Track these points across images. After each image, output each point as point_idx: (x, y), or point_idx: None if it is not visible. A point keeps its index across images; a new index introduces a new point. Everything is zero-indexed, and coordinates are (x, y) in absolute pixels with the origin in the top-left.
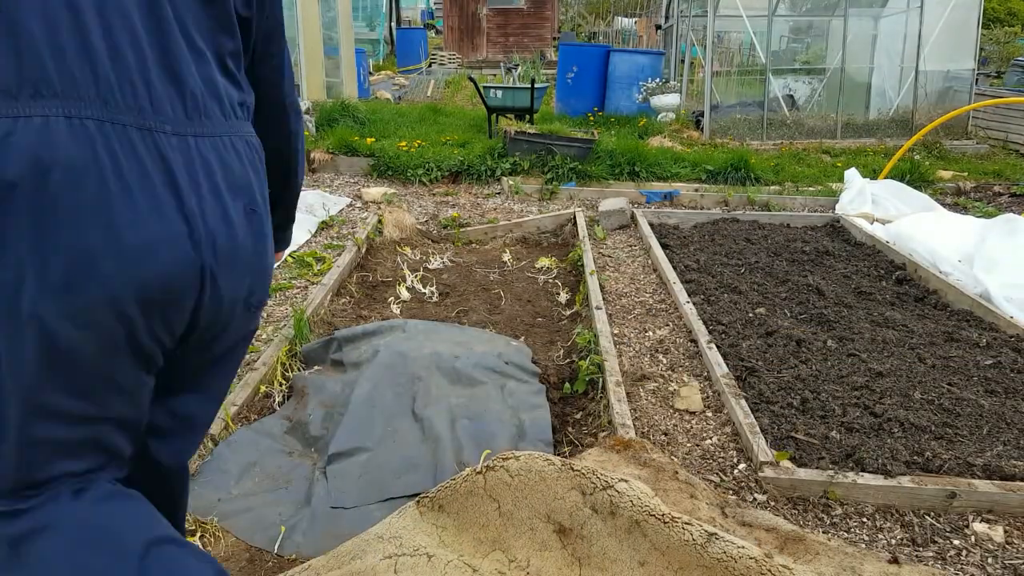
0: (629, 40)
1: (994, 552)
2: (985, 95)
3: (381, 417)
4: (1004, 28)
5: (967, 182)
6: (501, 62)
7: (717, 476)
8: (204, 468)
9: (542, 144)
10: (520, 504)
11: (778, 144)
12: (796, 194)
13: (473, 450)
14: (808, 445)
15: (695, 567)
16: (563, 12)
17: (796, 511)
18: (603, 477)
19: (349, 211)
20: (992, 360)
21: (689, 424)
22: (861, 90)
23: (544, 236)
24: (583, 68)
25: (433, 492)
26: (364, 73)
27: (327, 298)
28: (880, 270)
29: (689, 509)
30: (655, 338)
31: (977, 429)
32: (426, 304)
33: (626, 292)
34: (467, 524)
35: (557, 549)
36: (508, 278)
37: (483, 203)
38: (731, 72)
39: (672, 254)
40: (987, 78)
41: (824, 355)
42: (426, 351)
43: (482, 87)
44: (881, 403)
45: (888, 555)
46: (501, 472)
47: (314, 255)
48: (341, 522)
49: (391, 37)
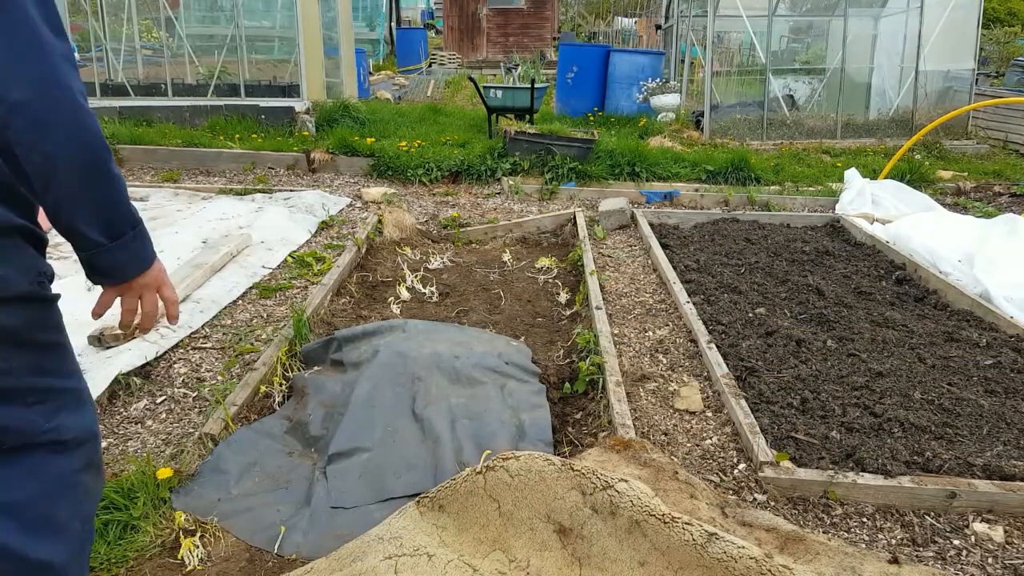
0: (629, 40)
1: (994, 552)
2: (985, 95)
3: (381, 417)
4: (1004, 28)
5: (967, 182)
6: (501, 62)
7: (717, 476)
8: (204, 468)
9: (542, 144)
10: (520, 504)
11: (778, 144)
12: (796, 194)
13: (473, 450)
14: (808, 445)
15: (695, 567)
16: (563, 12)
17: (796, 511)
18: (603, 477)
19: (349, 211)
20: (992, 360)
21: (689, 424)
22: (861, 90)
23: (544, 236)
24: (583, 68)
25: (433, 492)
26: (364, 73)
27: (327, 298)
28: (880, 270)
29: (689, 509)
30: (655, 338)
31: (977, 429)
32: (426, 304)
33: (626, 292)
34: (467, 524)
35: (557, 549)
36: (508, 278)
37: (483, 203)
38: (731, 72)
39: (672, 254)
40: (987, 78)
41: (824, 355)
42: (426, 351)
43: (482, 87)
44: (881, 403)
45: (888, 555)
46: (501, 472)
47: (314, 255)
48: (341, 522)
49: (391, 37)
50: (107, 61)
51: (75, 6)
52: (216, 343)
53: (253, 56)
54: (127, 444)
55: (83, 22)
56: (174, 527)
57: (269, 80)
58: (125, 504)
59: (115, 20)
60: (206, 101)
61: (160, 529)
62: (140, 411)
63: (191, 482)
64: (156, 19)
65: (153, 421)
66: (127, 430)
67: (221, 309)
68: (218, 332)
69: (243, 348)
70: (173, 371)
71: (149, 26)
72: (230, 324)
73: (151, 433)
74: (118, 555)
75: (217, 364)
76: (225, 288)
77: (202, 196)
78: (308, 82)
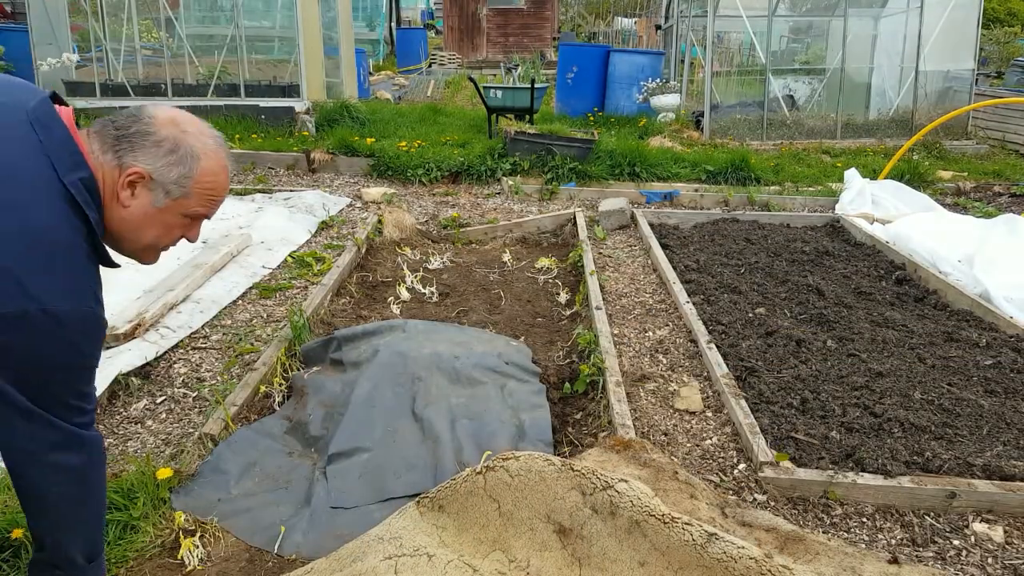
0: (629, 40)
1: (994, 552)
2: (985, 95)
3: (381, 417)
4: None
5: (967, 182)
6: (501, 62)
7: (717, 476)
8: (204, 468)
9: (542, 144)
10: (520, 504)
11: (778, 144)
12: (796, 194)
13: (473, 450)
14: (808, 445)
15: (695, 567)
16: (563, 12)
17: (796, 511)
18: (603, 477)
19: (349, 211)
20: (992, 360)
21: (689, 424)
22: (861, 90)
23: (544, 236)
24: (583, 68)
25: (433, 492)
26: (364, 73)
27: (327, 298)
28: (880, 270)
29: (689, 509)
30: (655, 338)
31: (977, 429)
32: (426, 304)
33: (626, 292)
34: (467, 524)
35: (557, 549)
36: (508, 278)
37: (483, 203)
38: (731, 72)
39: (672, 254)
40: (987, 78)
41: (824, 355)
42: (426, 351)
43: (482, 87)
44: (881, 403)
45: (888, 555)
46: (501, 472)
47: (314, 255)
48: (341, 522)
49: (391, 37)
50: (107, 61)
51: (75, 6)
52: (216, 343)
53: (253, 56)
54: (127, 444)
55: (83, 22)
56: (174, 527)
57: (269, 80)
58: (125, 504)
59: (115, 20)
60: (206, 101)
61: (160, 529)
62: (140, 411)
63: (191, 482)
64: (156, 19)
65: (153, 421)
66: (127, 430)
67: (221, 309)
68: (218, 332)
69: (243, 348)
70: (173, 371)
71: (149, 26)
72: (230, 324)
73: (151, 433)
74: (118, 555)
75: (217, 364)
76: (225, 288)
77: None
78: (308, 82)
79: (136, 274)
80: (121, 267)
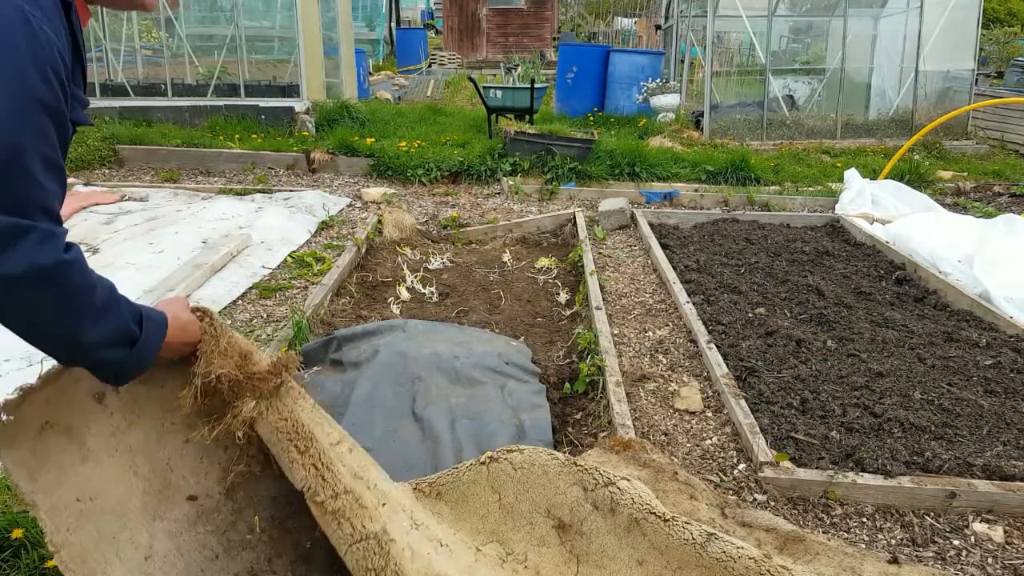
0: (629, 40)
1: (994, 552)
2: (985, 95)
3: (381, 417)
4: (1004, 28)
5: (967, 182)
6: (501, 62)
7: (717, 476)
8: None
9: (542, 144)
10: (522, 497)
11: (778, 144)
12: (796, 194)
13: (473, 450)
14: (808, 445)
15: (694, 567)
16: (563, 12)
17: (796, 511)
18: (605, 474)
19: (349, 211)
20: (992, 360)
21: (689, 424)
22: (861, 90)
23: (544, 236)
24: (583, 68)
25: (434, 478)
26: (364, 73)
27: (327, 298)
28: (880, 270)
29: (689, 510)
30: (655, 338)
31: (977, 429)
32: (426, 304)
33: (626, 292)
34: (465, 514)
35: (555, 545)
36: (508, 278)
37: (483, 203)
38: (731, 72)
39: (672, 254)
40: (987, 78)
41: (824, 355)
42: (426, 351)
43: (482, 87)
44: (881, 403)
45: (888, 555)
46: (505, 464)
47: (314, 255)
48: None
49: (391, 37)
50: (107, 61)
51: None
52: None
53: (253, 56)
54: None
55: None
56: None
57: (269, 80)
58: None
59: (115, 20)
60: (206, 101)
61: None
62: None
63: None
64: (156, 19)
65: None
66: None
67: (221, 309)
68: None
69: None
70: None
71: (149, 26)
72: (230, 324)
73: None
74: None
75: None
76: (225, 288)
77: (202, 196)
78: (308, 82)
79: (136, 274)
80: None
